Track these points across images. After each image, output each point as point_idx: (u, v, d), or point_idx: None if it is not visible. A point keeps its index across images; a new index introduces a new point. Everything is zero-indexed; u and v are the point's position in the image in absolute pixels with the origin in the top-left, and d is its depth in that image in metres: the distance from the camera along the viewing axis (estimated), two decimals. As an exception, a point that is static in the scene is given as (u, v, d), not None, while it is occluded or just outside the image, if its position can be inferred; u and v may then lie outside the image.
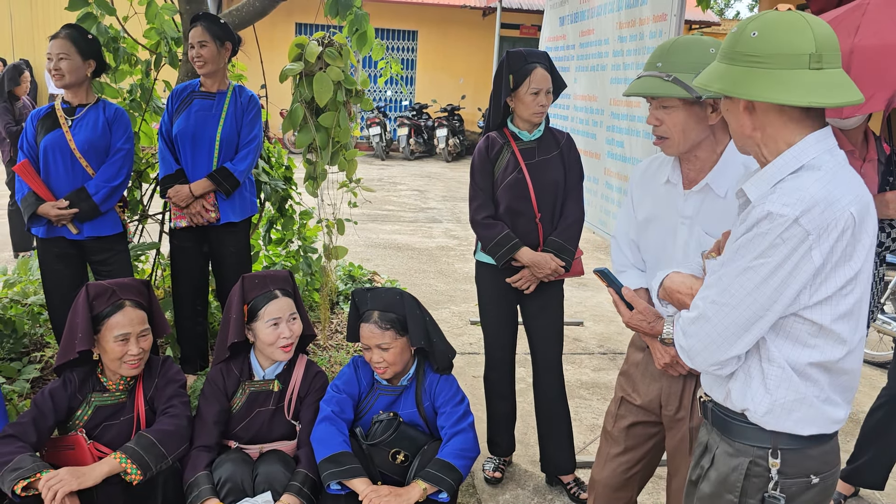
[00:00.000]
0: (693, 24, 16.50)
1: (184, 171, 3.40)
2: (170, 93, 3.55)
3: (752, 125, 1.45)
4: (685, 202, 1.93)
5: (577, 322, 5.26)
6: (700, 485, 1.60)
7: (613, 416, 2.20)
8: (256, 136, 3.45)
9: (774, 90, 1.36)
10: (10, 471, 2.14)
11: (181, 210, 3.39)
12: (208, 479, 2.36)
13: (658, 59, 1.84)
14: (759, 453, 1.49)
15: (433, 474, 2.36)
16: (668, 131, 1.85)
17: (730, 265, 1.42)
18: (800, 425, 1.45)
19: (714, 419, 1.59)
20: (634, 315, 1.94)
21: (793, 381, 1.43)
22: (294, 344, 2.58)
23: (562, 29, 4.91)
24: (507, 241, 2.84)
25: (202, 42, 3.29)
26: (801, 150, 1.40)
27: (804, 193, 1.34)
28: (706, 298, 1.45)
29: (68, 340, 2.39)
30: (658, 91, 1.79)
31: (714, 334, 1.43)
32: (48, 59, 3.16)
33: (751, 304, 1.38)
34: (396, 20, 16.01)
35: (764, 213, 1.35)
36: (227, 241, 3.50)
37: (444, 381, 2.61)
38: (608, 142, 4.04)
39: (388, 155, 15.24)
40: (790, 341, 1.43)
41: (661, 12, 3.35)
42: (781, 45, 1.37)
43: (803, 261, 1.34)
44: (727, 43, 1.45)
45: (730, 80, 1.41)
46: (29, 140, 3.24)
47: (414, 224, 8.56)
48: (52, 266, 3.30)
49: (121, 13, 4.02)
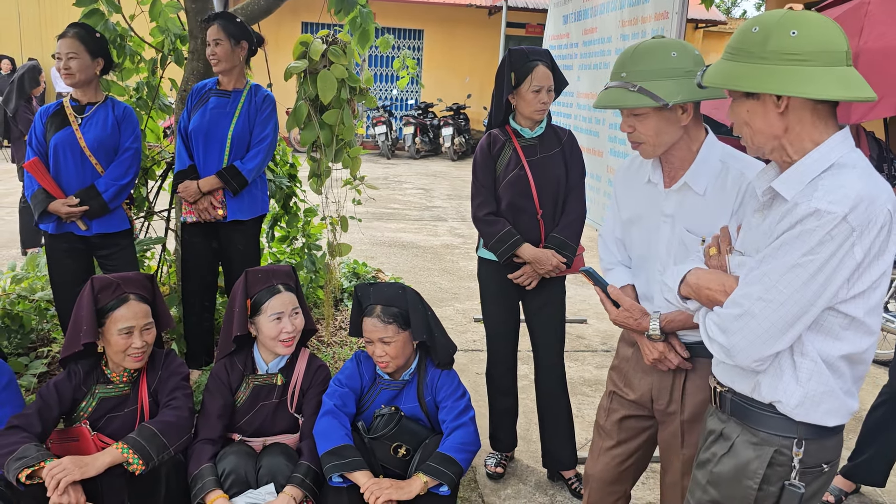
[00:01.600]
0: (699, 22, 16.47)
1: (195, 167, 3.43)
2: (189, 90, 3.57)
3: (784, 125, 1.46)
4: (666, 200, 1.95)
5: (580, 319, 5.27)
6: (712, 469, 1.62)
7: (605, 409, 2.21)
8: (269, 136, 3.45)
9: (825, 86, 1.38)
10: (15, 459, 2.17)
11: (191, 205, 3.43)
12: (212, 472, 2.39)
13: (622, 69, 1.85)
14: (785, 443, 1.53)
15: (434, 468, 2.38)
16: (642, 137, 1.87)
17: (772, 262, 1.43)
18: (826, 417, 1.50)
19: (734, 409, 1.61)
20: (621, 312, 1.98)
21: (823, 374, 1.48)
22: (296, 338, 2.60)
23: (565, 27, 4.92)
24: (509, 238, 2.85)
25: (217, 40, 3.32)
26: (829, 148, 1.44)
27: (849, 191, 1.36)
28: (749, 296, 1.45)
29: (73, 333, 2.42)
30: (626, 103, 1.81)
31: (760, 331, 1.44)
32: (57, 59, 3.18)
33: (798, 300, 1.41)
34: (402, 19, 16.04)
35: (811, 210, 1.37)
36: (235, 238, 3.52)
37: (446, 375, 2.63)
38: (611, 139, 4.05)
39: (394, 154, 15.27)
40: (822, 335, 1.47)
41: (663, 10, 3.35)
42: (823, 42, 1.39)
43: (847, 257, 1.37)
44: (750, 42, 1.44)
45: (767, 79, 1.41)
46: (38, 137, 3.27)
47: (419, 222, 8.58)
48: (61, 261, 3.35)
49: (126, 11, 4.06)
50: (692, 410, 1.97)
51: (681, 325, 1.90)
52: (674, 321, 1.91)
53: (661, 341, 1.94)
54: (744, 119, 1.52)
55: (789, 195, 1.46)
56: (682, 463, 2.02)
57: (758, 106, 1.48)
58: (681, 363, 1.94)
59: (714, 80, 1.50)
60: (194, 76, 3.76)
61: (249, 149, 3.44)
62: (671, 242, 1.92)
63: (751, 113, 1.50)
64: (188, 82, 3.75)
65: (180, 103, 3.77)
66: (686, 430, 1.99)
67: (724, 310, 1.51)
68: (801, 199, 1.42)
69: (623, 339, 2.21)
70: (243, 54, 3.41)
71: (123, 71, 4.14)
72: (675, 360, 1.94)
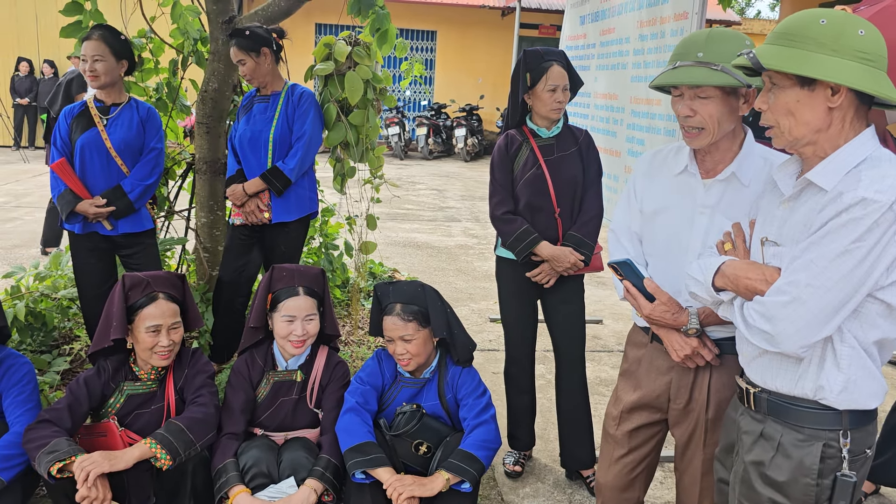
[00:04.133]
0: (714, 23, 16.41)
1: (243, 171, 3.51)
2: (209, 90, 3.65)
3: (829, 119, 1.50)
4: (707, 192, 1.94)
5: (596, 320, 5.27)
6: (767, 472, 1.63)
7: (615, 419, 2.19)
8: (307, 132, 3.47)
9: (888, 87, 1.45)
10: (47, 453, 2.22)
11: (238, 208, 3.50)
12: (235, 467, 2.43)
13: (697, 49, 1.82)
14: (831, 436, 1.56)
15: (456, 465, 2.40)
16: (703, 122, 1.84)
17: (818, 249, 1.47)
18: (869, 399, 1.55)
19: (772, 409, 1.64)
20: (657, 307, 1.94)
21: (861, 359, 1.53)
22: (307, 342, 2.63)
23: (582, 28, 4.93)
24: (527, 236, 2.87)
25: (241, 60, 3.38)
26: (861, 142, 1.50)
27: (893, 181, 1.43)
28: (797, 283, 1.49)
29: (104, 329, 2.47)
30: (710, 80, 1.78)
31: (809, 316, 1.48)
32: (82, 61, 3.22)
33: (845, 285, 1.45)
34: (416, 20, 16.07)
35: (857, 198, 1.42)
36: (278, 241, 3.57)
37: (466, 373, 2.65)
38: (628, 140, 4.06)
39: (407, 154, 15.30)
40: (859, 321, 1.52)
41: (682, 11, 3.36)
42: (881, 46, 1.47)
43: (890, 244, 1.43)
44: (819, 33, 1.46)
45: (843, 71, 1.44)
46: (63, 137, 3.31)
47: (433, 223, 8.60)
48: (86, 260, 3.39)
49: (148, 13, 4.11)
50: (717, 408, 1.97)
51: (716, 320, 1.89)
52: (710, 316, 1.90)
53: (696, 336, 1.93)
54: (789, 108, 1.52)
55: (829, 185, 1.49)
56: (702, 462, 2.02)
57: (810, 97, 1.49)
58: (712, 359, 1.94)
59: (783, 63, 1.48)
60: (215, 77, 3.80)
61: (291, 147, 3.49)
62: (709, 233, 1.91)
63: (801, 103, 1.51)
64: (209, 83, 3.79)
65: (201, 104, 3.81)
66: (710, 428, 1.99)
67: (769, 298, 1.54)
68: (844, 188, 1.46)
69: (630, 342, 2.20)
70: (269, 61, 3.44)
71: (144, 72, 4.19)
72: (707, 356, 1.94)
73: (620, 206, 2.18)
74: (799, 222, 1.55)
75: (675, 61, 1.87)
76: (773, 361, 1.63)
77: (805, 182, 1.56)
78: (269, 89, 3.50)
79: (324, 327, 2.71)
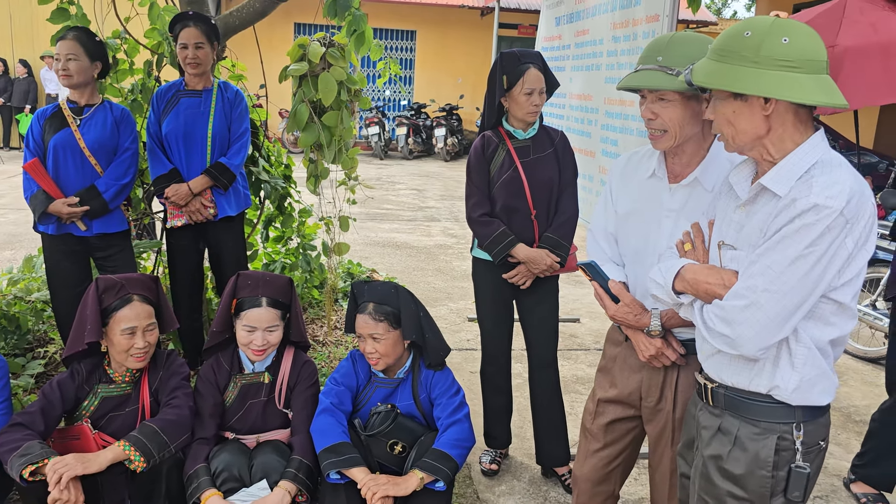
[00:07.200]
0: (690, 23, 16.54)
1: (178, 169, 3.44)
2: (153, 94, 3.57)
3: (767, 126, 1.54)
4: (671, 196, 1.98)
5: (573, 319, 5.32)
6: (724, 466, 1.68)
7: (592, 413, 2.23)
8: (247, 130, 3.52)
9: (811, 92, 1.46)
10: (19, 456, 2.20)
11: (179, 209, 3.44)
12: (207, 471, 2.42)
13: (657, 53, 1.84)
14: (785, 429, 1.62)
15: (430, 464, 2.42)
16: (665, 125, 1.87)
17: (774, 255, 1.50)
18: (821, 396, 1.60)
19: (728, 403, 1.69)
20: (621, 308, 1.99)
21: (816, 358, 1.58)
22: (267, 351, 2.62)
23: (558, 29, 4.97)
24: (504, 238, 2.90)
25: (198, 44, 3.33)
26: (811, 147, 1.54)
27: (843, 186, 1.46)
28: (754, 288, 1.53)
29: (77, 332, 2.45)
30: (665, 85, 1.81)
31: (766, 320, 1.52)
32: (55, 60, 3.21)
33: (800, 289, 1.50)
34: (395, 20, 16.07)
35: (810, 204, 1.46)
36: (224, 236, 3.57)
37: (440, 373, 2.66)
38: (602, 140, 4.10)
39: (387, 154, 15.30)
40: (814, 321, 1.57)
41: (653, 13, 3.40)
42: (811, 51, 1.48)
43: (841, 248, 1.48)
44: (743, 46, 1.50)
45: (762, 83, 1.48)
46: (36, 139, 3.29)
47: (412, 223, 8.62)
48: (60, 263, 3.36)
49: (122, 14, 4.08)
50: (683, 407, 2.01)
51: (680, 321, 1.92)
52: (673, 318, 1.94)
53: (660, 338, 1.97)
54: (728, 118, 1.58)
55: (782, 191, 1.53)
56: (671, 459, 2.06)
57: (745, 107, 1.55)
58: (677, 359, 1.98)
59: (707, 80, 1.55)
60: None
61: (230, 145, 3.48)
62: (674, 237, 1.94)
63: (737, 114, 1.56)
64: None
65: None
66: (677, 426, 2.03)
67: (728, 302, 1.58)
68: (797, 194, 1.49)
69: (609, 340, 2.24)
70: (214, 55, 3.46)
71: (118, 73, 4.16)
72: (672, 356, 1.98)
73: (599, 207, 2.21)
74: (755, 227, 1.59)
75: (639, 65, 1.90)
76: (729, 358, 1.67)
77: (760, 187, 1.60)
78: (201, 85, 3.46)
79: (290, 334, 2.71)
